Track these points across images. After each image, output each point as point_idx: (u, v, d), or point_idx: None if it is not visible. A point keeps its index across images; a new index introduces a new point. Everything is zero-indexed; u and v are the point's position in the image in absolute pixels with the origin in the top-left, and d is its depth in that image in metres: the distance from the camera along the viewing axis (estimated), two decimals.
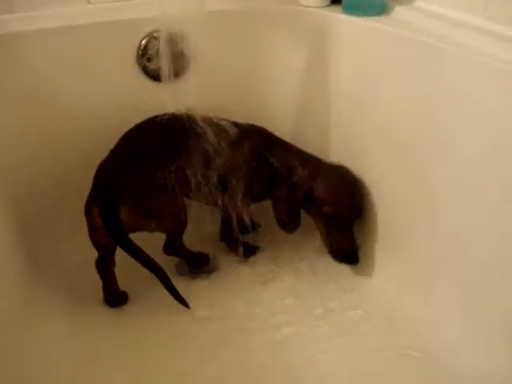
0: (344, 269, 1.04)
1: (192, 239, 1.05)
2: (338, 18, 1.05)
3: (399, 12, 1.01)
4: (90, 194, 0.95)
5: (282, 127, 1.10)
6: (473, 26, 0.89)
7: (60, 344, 0.91)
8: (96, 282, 1.00)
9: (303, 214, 1.02)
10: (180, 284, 0.97)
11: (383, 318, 0.95)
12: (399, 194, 0.98)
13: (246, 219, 1.06)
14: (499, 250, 0.81)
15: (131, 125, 1.07)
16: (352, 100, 1.05)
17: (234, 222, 1.04)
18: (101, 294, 1.00)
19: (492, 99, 0.79)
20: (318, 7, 1.09)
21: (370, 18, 1.01)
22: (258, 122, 1.07)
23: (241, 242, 1.07)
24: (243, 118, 1.08)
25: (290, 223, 1.02)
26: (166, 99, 1.06)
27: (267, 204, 1.04)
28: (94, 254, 0.98)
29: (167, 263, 1.01)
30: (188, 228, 1.01)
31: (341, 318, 0.96)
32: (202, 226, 1.06)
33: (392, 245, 1.01)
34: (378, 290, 1.01)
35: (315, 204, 1.00)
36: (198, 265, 1.07)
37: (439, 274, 0.91)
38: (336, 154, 1.07)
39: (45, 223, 1.08)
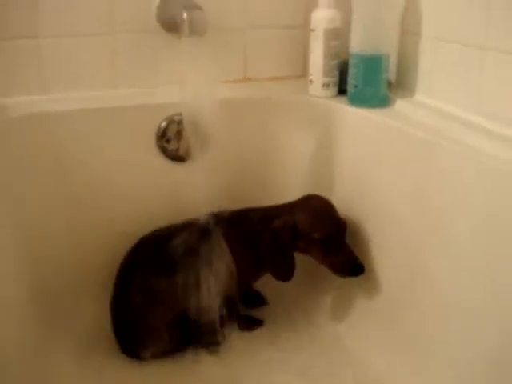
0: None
1: None
2: (344, 109, 1.11)
3: (400, 105, 1.07)
4: None
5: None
6: (467, 122, 0.95)
7: None
8: (108, 336, 1.04)
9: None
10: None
11: None
12: (395, 267, 1.01)
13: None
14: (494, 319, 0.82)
15: (149, 201, 1.17)
16: (354, 181, 1.10)
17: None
18: (114, 346, 1.04)
19: (478, 189, 0.84)
20: (326, 97, 1.16)
21: (373, 110, 1.07)
22: (268, 201, 1.11)
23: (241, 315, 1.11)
24: (254, 197, 1.15)
25: (283, 268, 1.04)
26: (182, 178, 1.14)
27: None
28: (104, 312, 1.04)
29: None
30: None
31: None
32: None
33: (386, 318, 1.04)
34: (368, 363, 1.03)
35: (304, 237, 1.02)
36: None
37: (432, 351, 0.92)
38: None
39: (60, 284, 1.13)
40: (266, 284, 1.12)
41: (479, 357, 0.83)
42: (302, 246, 1.03)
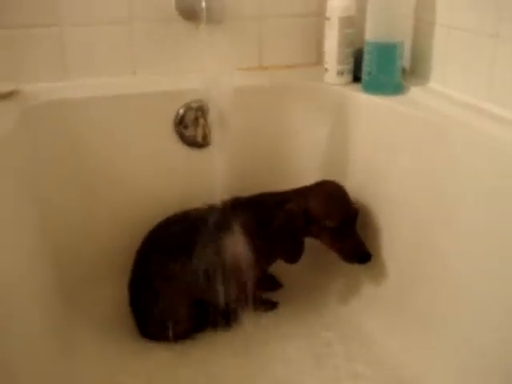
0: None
1: None
2: (358, 96, 1.13)
3: (414, 92, 1.09)
4: None
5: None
6: (479, 109, 0.97)
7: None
8: (127, 320, 1.07)
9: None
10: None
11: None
12: (406, 249, 1.03)
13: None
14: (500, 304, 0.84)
15: (165, 187, 1.19)
16: (368, 166, 1.11)
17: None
18: (133, 330, 1.07)
19: (490, 174, 0.86)
20: (341, 85, 1.18)
21: (387, 97, 1.08)
22: (282, 186, 1.12)
23: (258, 298, 1.13)
24: (269, 183, 1.15)
25: (293, 251, 1.06)
26: (200, 164, 1.17)
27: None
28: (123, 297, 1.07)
29: None
30: None
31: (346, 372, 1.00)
32: None
33: (398, 298, 1.05)
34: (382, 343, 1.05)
35: (315, 222, 1.04)
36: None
37: (444, 329, 0.94)
38: None
39: (80, 271, 1.17)
40: (278, 268, 1.14)
41: (488, 335, 0.85)
42: (314, 230, 1.05)
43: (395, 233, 1.06)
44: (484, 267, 0.86)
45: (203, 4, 1.01)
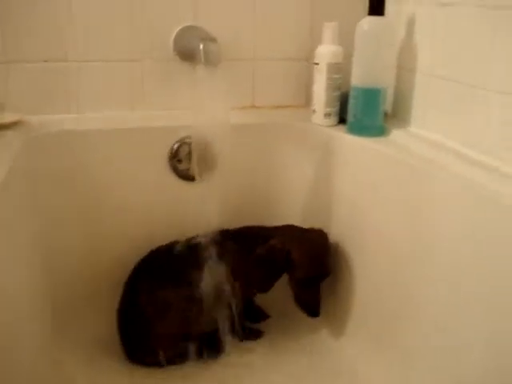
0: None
1: None
2: (343, 137, 1.17)
3: (395, 135, 1.13)
4: None
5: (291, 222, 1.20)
6: (456, 153, 1.01)
7: None
8: (116, 343, 1.10)
9: None
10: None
11: None
12: (386, 287, 1.06)
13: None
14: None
15: (159, 216, 1.23)
16: (351, 204, 1.15)
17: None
18: (121, 353, 1.09)
19: (466, 215, 0.88)
20: (327, 126, 1.23)
21: (370, 139, 1.13)
22: (269, 221, 1.18)
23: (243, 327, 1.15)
24: (257, 215, 1.22)
25: (264, 283, 1.10)
26: (191, 196, 1.20)
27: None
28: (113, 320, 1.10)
29: None
30: None
31: None
32: None
33: (374, 331, 1.09)
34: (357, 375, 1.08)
35: (290, 266, 1.08)
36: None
37: (420, 364, 0.96)
38: (335, 245, 1.18)
39: (72, 292, 1.19)
40: (266, 297, 1.17)
41: (468, 366, 0.87)
42: (286, 271, 1.11)
43: (375, 267, 1.09)
44: (462, 302, 0.88)
45: (201, 47, 1.06)
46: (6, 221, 0.89)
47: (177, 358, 1.10)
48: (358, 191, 1.14)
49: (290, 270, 1.10)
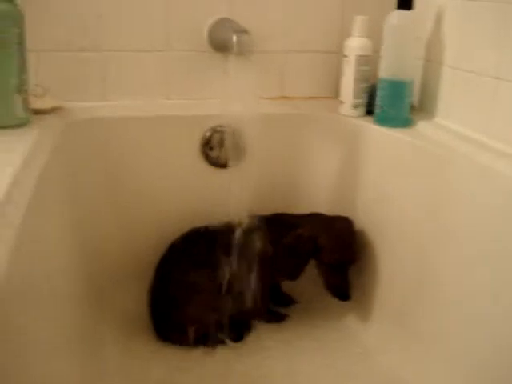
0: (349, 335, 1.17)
1: None
2: (370, 128, 1.20)
3: (421, 126, 1.16)
4: None
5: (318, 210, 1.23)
6: (479, 143, 1.04)
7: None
8: (146, 323, 1.14)
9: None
10: None
11: None
12: (410, 274, 1.08)
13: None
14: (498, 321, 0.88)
15: (190, 202, 1.27)
16: (377, 192, 1.18)
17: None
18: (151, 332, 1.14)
19: (489, 204, 0.92)
20: (355, 117, 1.25)
21: (396, 130, 1.15)
22: (295, 208, 1.22)
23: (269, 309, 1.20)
24: (284, 203, 1.25)
25: (293, 271, 1.13)
26: (221, 183, 1.23)
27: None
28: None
29: None
30: None
31: None
32: None
33: (397, 315, 1.11)
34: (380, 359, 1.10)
35: (318, 254, 1.11)
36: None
37: (441, 347, 0.99)
38: (360, 232, 1.20)
39: (108, 276, 1.24)
40: (294, 284, 1.20)
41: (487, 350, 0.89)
42: (316, 257, 1.13)
43: (399, 253, 1.12)
44: (484, 289, 0.91)
45: (234, 38, 1.10)
46: (48, 208, 0.92)
47: (205, 338, 1.13)
48: (383, 180, 1.16)
49: (318, 256, 1.13)
